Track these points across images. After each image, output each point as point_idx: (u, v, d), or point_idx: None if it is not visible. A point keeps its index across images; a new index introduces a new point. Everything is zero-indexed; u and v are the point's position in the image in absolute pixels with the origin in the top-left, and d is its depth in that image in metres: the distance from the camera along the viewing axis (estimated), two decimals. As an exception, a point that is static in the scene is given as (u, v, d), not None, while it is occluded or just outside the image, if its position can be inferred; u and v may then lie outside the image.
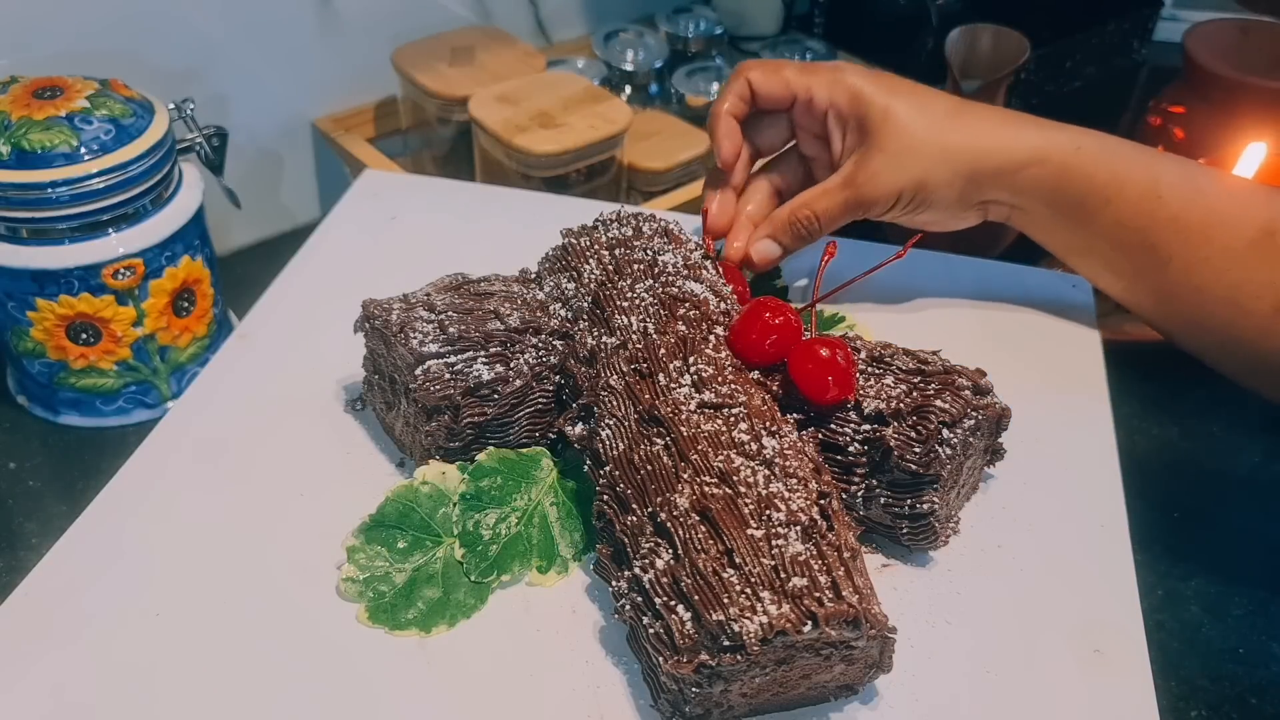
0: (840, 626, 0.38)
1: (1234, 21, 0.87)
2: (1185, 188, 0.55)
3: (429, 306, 0.51)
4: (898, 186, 0.57)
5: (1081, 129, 0.57)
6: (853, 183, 0.57)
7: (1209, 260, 0.54)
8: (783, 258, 0.61)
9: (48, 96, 0.60)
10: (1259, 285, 0.53)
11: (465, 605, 0.46)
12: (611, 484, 0.45)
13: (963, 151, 0.56)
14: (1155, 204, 0.55)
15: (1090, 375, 0.60)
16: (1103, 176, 0.56)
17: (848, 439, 0.48)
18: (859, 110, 0.57)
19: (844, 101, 0.58)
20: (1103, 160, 0.56)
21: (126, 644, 0.44)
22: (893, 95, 0.57)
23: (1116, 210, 0.56)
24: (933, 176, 0.57)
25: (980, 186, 0.57)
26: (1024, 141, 0.56)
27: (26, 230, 0.60)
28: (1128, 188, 0.55)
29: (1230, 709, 0.54)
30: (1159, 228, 0.55)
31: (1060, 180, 0.56)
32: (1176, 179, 0.55)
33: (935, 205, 0.58)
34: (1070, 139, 0.56)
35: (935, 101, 0.57)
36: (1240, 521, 0.65)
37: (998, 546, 0.50)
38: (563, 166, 0.78)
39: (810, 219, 0.59)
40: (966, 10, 0.98)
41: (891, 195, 0.57)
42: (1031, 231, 0.60)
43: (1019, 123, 0.57)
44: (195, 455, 0.53)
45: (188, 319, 0.67)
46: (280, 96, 0.85)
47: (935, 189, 0.57)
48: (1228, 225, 0.54)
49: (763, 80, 0.60)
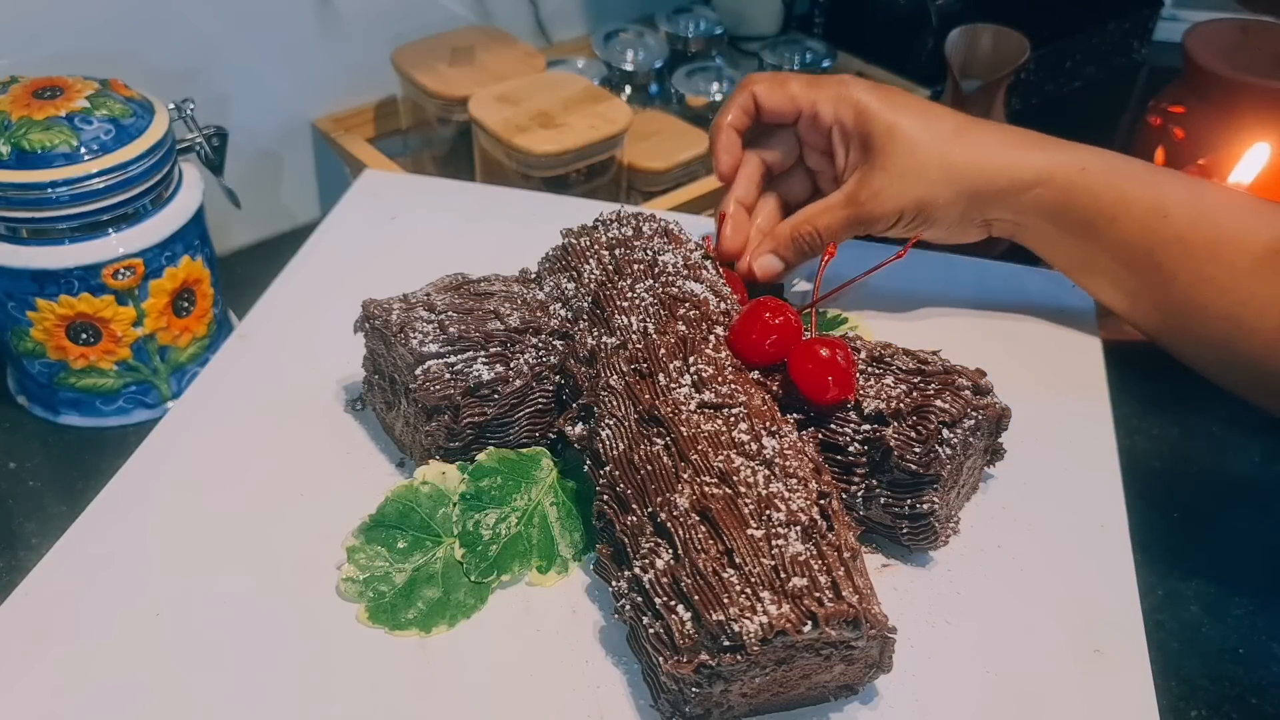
0: (840, 626, 0.38)
1: (1234, 21, 0.87)
2: (1191, 207, 0.55)
3: (429, 306, 0.51)
4: (900, 205, 0.57)
5: (1087, 147, 0.57)
6: (855, 200, 0.57)
7: (1214, 279, 0.54)
8: (785, 273, 0.61)
9: (48, 96, 0.60)
10: (1264, 303, 0.53)
11: (465, 605, 0.46)
12: (611, 484, 0.45)
13: (967, 171, 0.56)
14: (1161, 223, 0.55)
15: (1090, 375, 0.60)
16: (1109, 196, 0.56)
17: (848, 439, 0.48)
18: (863, 127, 0.57)
19: (849, 117, 0.58)
20: (1108, 180, 0.56)
21: (126, 644, 0.44)
22: (898, 112, 0.57)
23: (1122, 229, 0.56)
24: (936, 196, 0.56)
25: (984, 206, 0.57)
26: (1029, 162, 0.56)
27: (26, 230, 0.60)
28: (1134, 207, 0.55)
29: (1230, 709, 0.54)
30: (1164, 246, 0.55)
31: (1065, 200, 0.56)
32: (1183, 198, 0.55)
33: (938, 223, 0.58)
34: (1076, 158, 0.56)
35: (941, 119, 0.57)
36: (1240, 522, 0.65)
37: (998, 546, 0.50)
38: (563, 166, 0.78)
39: (812, 235, 0.58)
40: (966, 10, 0.98)
41: (894, 214, 0.57)
42: (1036, 248, 0.60)
43: (1024, 142, 0.57)
44: (195, 455, 0.53)
45: (188, 319, 0.67)
46: (280, 96, 0.85)
47: (938, 208, 0.57)
48: (1234, 244, 0.54)
49: (767, 94, 0.59)
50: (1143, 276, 0.57)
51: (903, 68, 0.98)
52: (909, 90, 0.96)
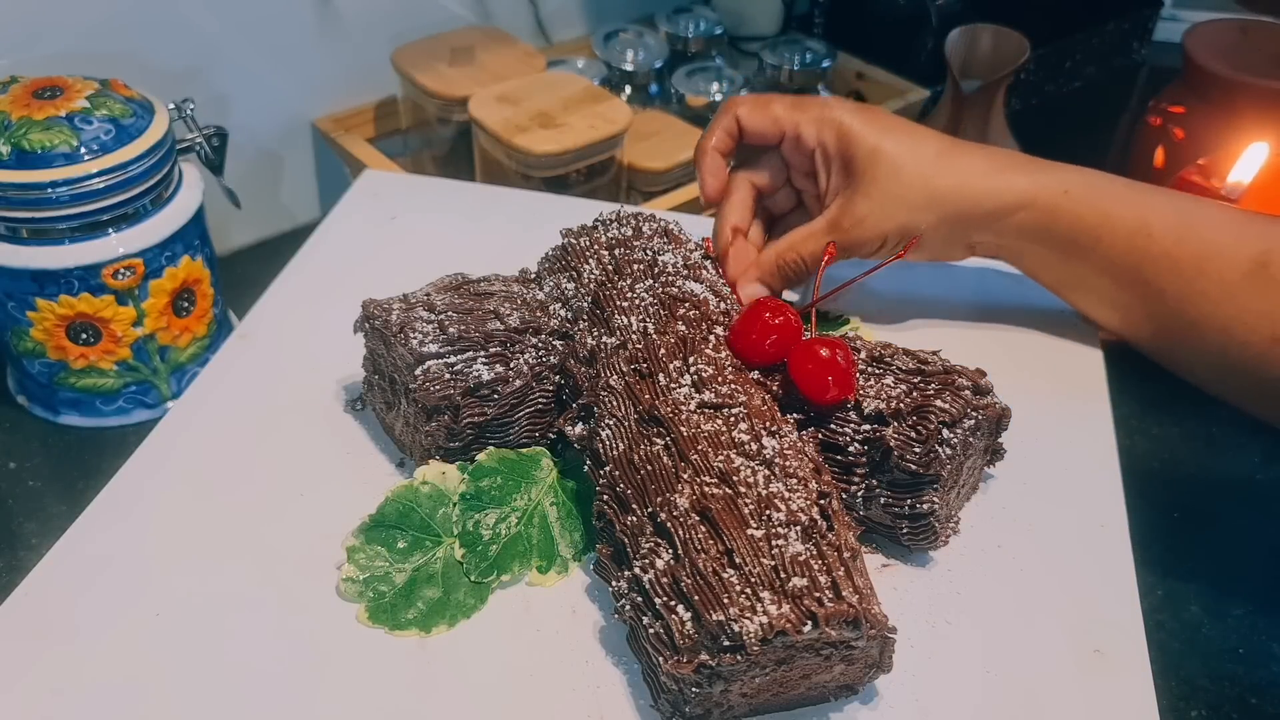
0: (840, 626, 0.38)
1: (1234, 21, 0.87)
2: (1176, 224, 0.55)
3: (429, 306, 0.51)
4: (884, 231, 0.57)
5: (1071, 168, 0.57)
6: (838, 227, 0.57)
7: (1204, 293, 0.54)
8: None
9: (48, 96, 0.60)
10: (1255, 316, 0.53)
11: (465, 605, 0.46)
12: (611, 484, 0.45)
13: (950, 196, 0.56)
14: (1146, 241, 0.55)
15: (1090, 375, 0.60)
16: (1091, 218, 0.56)
17: (848, 439, 0.48)
18: (846, 150, 0.57)
19: (831, 140, 0.57)
20: (1091, 201, 0.56)
21: (126, 644, 0.44)
22: (881, 135, 0.56)
23: (1107, 249, 0.56)
24: (919, 222, 0.56)
25: (968, 230, 0.57)
26: (1013, 186, 0.56)
27: (26, 230, 0.60)
28: (1118, 227, 0.55)
29: (1230, 709, 0.54)
30: (1150, 264, 0.55)
31: (1048, 223, 0.56)
32: (1167, 215, 0.55)
33: (922, 247, 0.58)
34: (1058, 180, 0.56)
35: (924, 143, 0.56)
36: (1240, 522, 0.65)
37: (998, 546, 0.50)
38: (563, 166, 0.78)
39: (796, 262, 0.58)
40: (966, 10, 0.98)
41: (877, 239, 0.57)
42: (1023, 269, 0.60)
43: (1009, 165, 0.57)
44: (195, 455, 0.53)
45: (188, 319, 0.67)
46: (280, 96, 0.85)
47: (921, 234, 0.57)
48: (1221, 258, 0.54)
49: (749, 115, 0.59)
50: (1132, 292, 0.57)
51: (902, 68, 0.98)
52: (910, 89, 0.96)
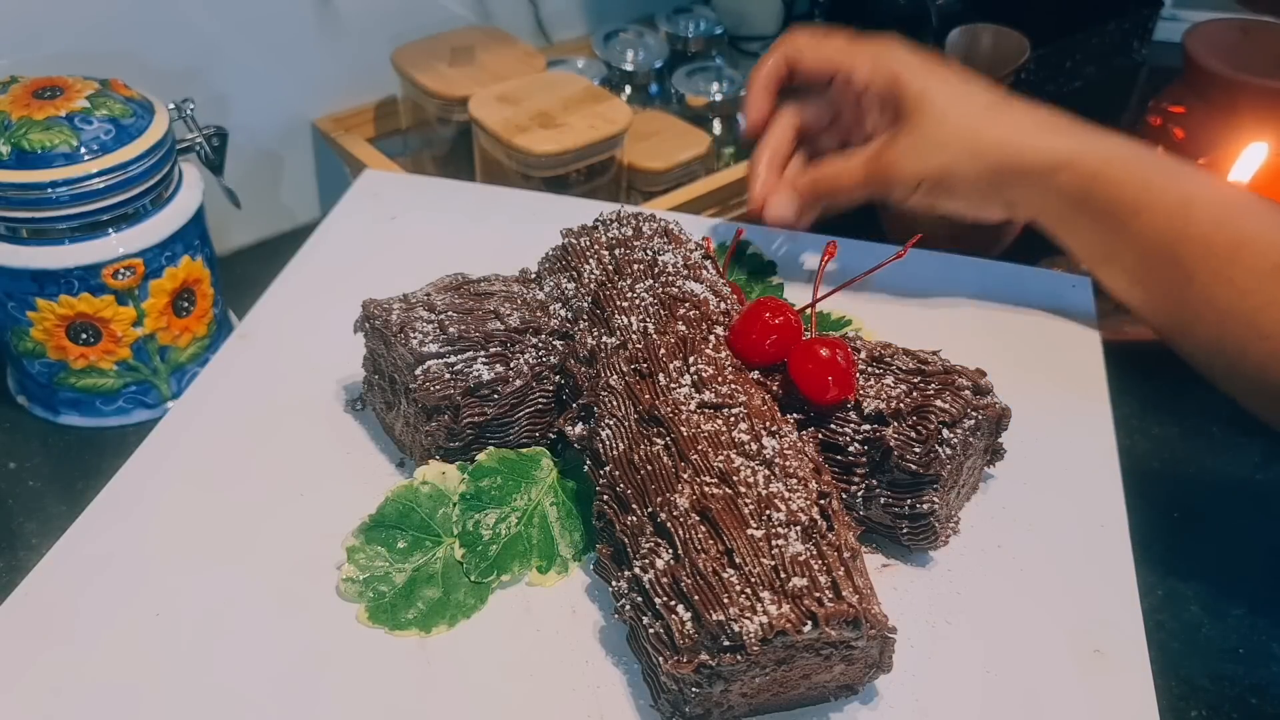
0: (840, 626, 0.38)
1: (1234, 21, 0.87)
2: (1216, 208, 0.54)
3: (429, 306, 0.51)
4: (921, 171, 0.57)
5: (1119, 139, 0.57)
6: (878, 160, 0.58)
7: (1233, 280, 0.54)
8: (796, 223, 0.61)
9: (48, 96, 0.60)
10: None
11: (465, 605, 0.46)
12: (611, 484, 0.45)
13: (993, 148, 0.56)
14: (1185, 221, 0.55)
15: (1090, 375, 0.60)
16: (1133, 188, 0.55)
17: (848, 439, 0.48)
18: (896, 92, 0.57)
19: (880, 81, 0.58)
20: (1135, 172, 0.55)
21: (126, 644, 0.44)
22: (932, 81, 0.57)
23: (1145, 223, 0.56)
24: (958, 168, 0.57)
25: (1007, 184, 0.57)
26: (1056, 145, 0.56)
27: (26, 230, 0.60)
28: (1158, 201, 0.55)
29: (1230, 709, 0.54)
30: (1186, 244, 0.55)
31: (1089, 187, 0.56)
32: (1209, 198, 0.55)
33: (957, 195, 0.58)
34: (1104, 148, 0.56)
35: (974, 95, 0.57)
36: (1240, 522, 0.65)
37: (998, 546, 0.50)
38: (563, 166, 0.78)
39: (831, 184, 0.58)
40: (966, 10, 0.97)
41: (914, 179, 0.57)
42: (1057, 234, 0.59)
43: (1055, 126, 0.57)
44: (195, 455, 0.53)
45: (188, 319, 0.67)
46: (280, 96, 0.85)
47: (959, 180, 0.57)
48: (1255, 247, 0.53)
49: (806, 48, 0.60)
50: (1161, 273, 0.56)
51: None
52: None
